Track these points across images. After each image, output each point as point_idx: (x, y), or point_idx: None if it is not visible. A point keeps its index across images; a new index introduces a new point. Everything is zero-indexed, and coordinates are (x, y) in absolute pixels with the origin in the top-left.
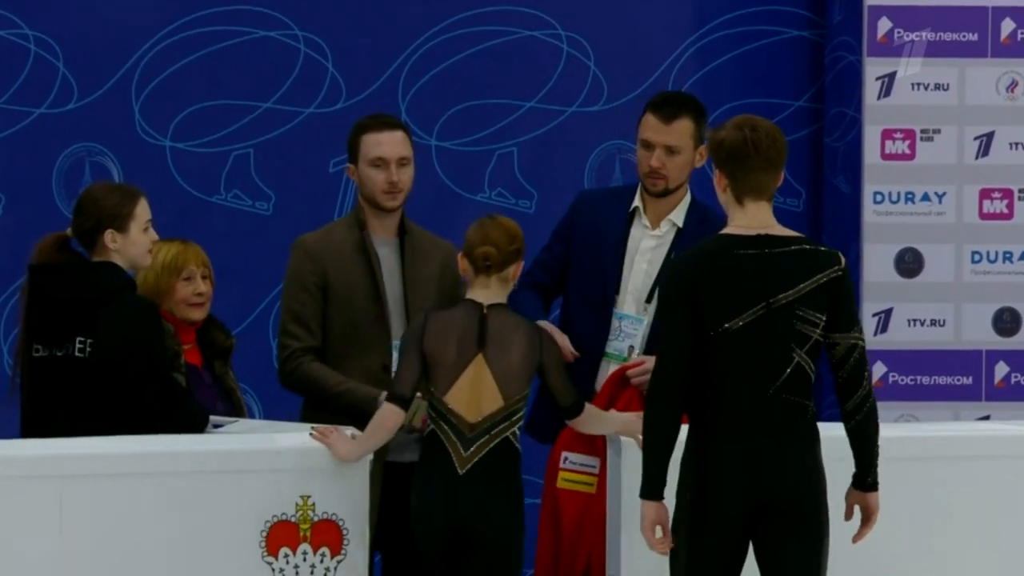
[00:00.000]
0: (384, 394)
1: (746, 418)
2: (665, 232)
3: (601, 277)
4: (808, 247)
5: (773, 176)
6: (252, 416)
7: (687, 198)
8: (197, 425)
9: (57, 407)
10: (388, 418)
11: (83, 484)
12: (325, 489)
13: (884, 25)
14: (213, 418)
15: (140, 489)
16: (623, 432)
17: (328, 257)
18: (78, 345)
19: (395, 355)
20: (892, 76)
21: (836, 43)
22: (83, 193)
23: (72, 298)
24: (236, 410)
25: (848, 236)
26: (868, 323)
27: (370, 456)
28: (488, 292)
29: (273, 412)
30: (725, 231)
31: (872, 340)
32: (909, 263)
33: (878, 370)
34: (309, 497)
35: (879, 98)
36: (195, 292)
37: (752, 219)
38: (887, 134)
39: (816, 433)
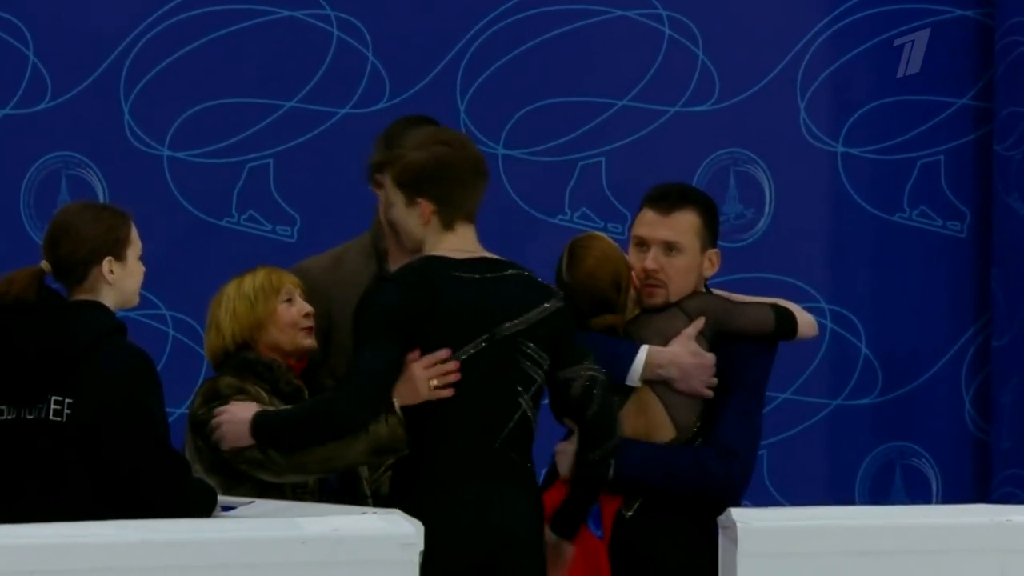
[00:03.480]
0: None
1: (473, 470)
2: None
3: None
4: (525, 273)
5: (478, 191)
6: None
7: None
8: (203, 506)
9: (26, 483)
10: None
11: None
12: None
13: None
14: (223, 499)
15: None
16: None
17: (336, 293)
18: (54, 406)
19: None
20: None
21: (1009, 25)
22: (59, 216)
23: (48, 348)
24: (351, 483)
25: None
26: None
27: (421, 546)
28: None
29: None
30: (434, 253)
31: None
32: None
33: None
34: None
35: None
36: (302, 313)
37: (464, 242)
38: None
39: (540, 498)
